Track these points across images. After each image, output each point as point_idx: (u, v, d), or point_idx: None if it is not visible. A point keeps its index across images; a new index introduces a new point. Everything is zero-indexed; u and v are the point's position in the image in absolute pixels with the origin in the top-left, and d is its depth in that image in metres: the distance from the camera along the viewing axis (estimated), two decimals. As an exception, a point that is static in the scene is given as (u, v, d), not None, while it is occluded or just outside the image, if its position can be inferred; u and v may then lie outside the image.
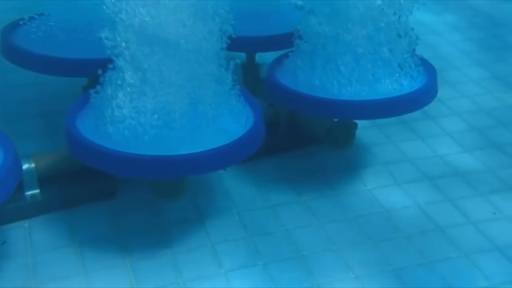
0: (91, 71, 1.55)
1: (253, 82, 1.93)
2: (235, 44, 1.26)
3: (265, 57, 1.92)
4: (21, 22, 1.62)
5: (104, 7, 1.16)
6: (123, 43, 1.15)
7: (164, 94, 1.18)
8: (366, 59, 1.41)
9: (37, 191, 1.37)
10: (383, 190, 1.60)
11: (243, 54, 1.90)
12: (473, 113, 2.00)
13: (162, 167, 1.19)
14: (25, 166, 1.34)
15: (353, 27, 1.40)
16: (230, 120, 1.27)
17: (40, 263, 1.29)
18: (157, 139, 1.19)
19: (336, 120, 1.58)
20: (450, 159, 1.75)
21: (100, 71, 1.23)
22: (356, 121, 1.58)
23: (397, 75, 1.41)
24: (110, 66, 1.20)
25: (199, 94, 1.21)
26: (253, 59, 1.97)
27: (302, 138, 1.74)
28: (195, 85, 1.20)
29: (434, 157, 1.76)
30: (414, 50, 1.42)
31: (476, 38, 2.52)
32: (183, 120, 1.19)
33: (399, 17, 1.37)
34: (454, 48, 2.45)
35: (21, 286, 1.24)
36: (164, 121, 1.19)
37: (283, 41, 1.69)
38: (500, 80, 2.21)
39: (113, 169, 1.23)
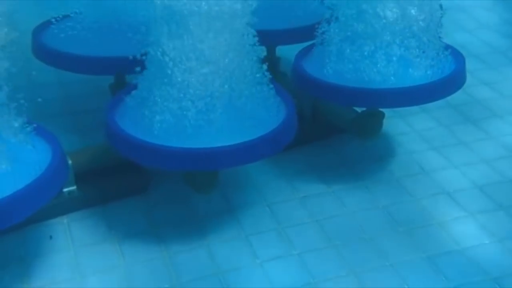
0: (119, 68, 1.60)
1: (274, 75, 1.94)
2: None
3: (285, 50, 1.94)
4: (51, 22, 1.64)
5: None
6: (162, 40, 1.17)
7: (200, 88, 1.20)
8: (394, 47, 1.42)
9: (74, 187, 1.40)
10: (411, 179, 1.62)
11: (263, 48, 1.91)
12: (495, 100, 2.00)
13: (200, 160, 1.21)
14: (62, 164, 1.36)
15: (379, 15, 1.41)
16: (264, 112, 1.28)
17: (83, 257, 1.32)
18: (194, 132, 1.21)
19: (363, 109, 1.59)
20: (475, 146, 1.76)
21: (138, 67, 1.24)
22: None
23: (425, 62, 1.42)
24: (148, 62, 1.22)
25: (234, 87, 1.23)
26: (274, 52, 1.98)
27: (326, 129, 1.75)
28: (230, 79, 1.22)
29: (459, 145, 1.77)
30: (443, 38, 1.43)
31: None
32: (219, 113, 1.21)
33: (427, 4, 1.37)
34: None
35: (67, 278, 1.27)
36: (200, 115, 1.21)
37: (304, 34, 1.70)
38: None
39: (151, 162, 1.26)
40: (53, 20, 1.65)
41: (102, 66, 1.57)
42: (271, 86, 1.31)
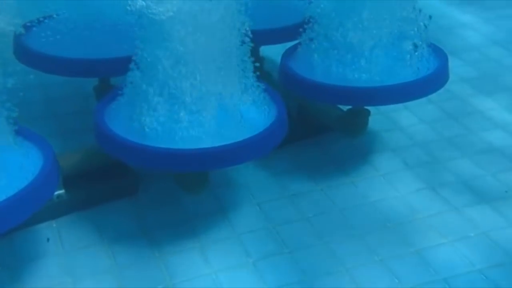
0: (103, 71, 1.59)
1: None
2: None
3: (267, 50, 1.95)
4: (33, 24, 1.62)
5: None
6: (150, 40, 1.16)
7: (190, 90, 1.20)
8: (378, 45, 1.44)
9: (62, 191, 1.38)
10: (396, 175, 1.65)
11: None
12: (474, 96, 2.05)
13: (191, 161, 1.21)
14: (50, 167, 1.35)
15: (365, 15, 1.44)
16: (254, 113, 1.29)
17: (74, 261, 1.31)
18: (184, 133, 1.21)
19: (349, 107, 1.61)
20: (458, 141, 1.80)
21: (127, 68, 1.24)
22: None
23: (410, 60, 1.45)
24: (137, 63, 1.22)
25: (224, 88, 1.23)
26: (257, 52, 1.99)
27: (313, 128, 1.77)
28: (220, 79, 1.22)
29: (441, 140, 1.81)
30: (426, 36, 1.46)
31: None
32: (209, 114, 1.22)
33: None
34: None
35: (59, 282, 1.26)
36: (190, 115, 1.21)
37: (288, 34, 1.72)
38: (496, 62, 2.28)
39: (142, 163, 1.25)
40: (35, 21, 1.63)
41: (87, 68, 1.55)
42: (261, 86, 1.32)
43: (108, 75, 1.67)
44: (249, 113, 1.28)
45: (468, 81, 2.15)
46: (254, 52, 1.96)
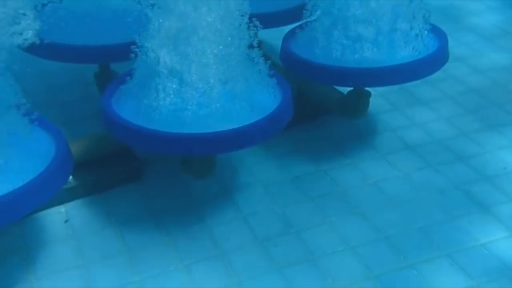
0: (104, 57, 1.59)
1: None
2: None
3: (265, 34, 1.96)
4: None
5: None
6: (156, 24, 1.17)
7: (197, 74, 1.21)
8: (380, 26, 1.45)
9: (70, 177, 1.39)
10: (397, 155, 1.67)
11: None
12: (469, 75, 2.08)
13: (199, 145, 1.22)
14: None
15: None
16: (261, 96, 1.30)
17: (85, 245, 1.33)
18: (192, 117, 1.22)
19: (350, 89, 1.63)
20: (456, 121, 1.83)
21: (134, 53, 1.24)
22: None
23: (410, 41, 1.46)
24: (144, 47, 1.22)
25: (231, 71, 1.24)
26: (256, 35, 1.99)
27: (313, 110, 1.79)
28: (227, 63, 1.23)
29: (439, 120, 1.84)
30: (426, 16, 1.48)
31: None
32: (217, 98, 1.23)
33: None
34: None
35: (72, 266, 1.28)
36: (198, 99, 1.22)
37: (285, 17, 1.73)
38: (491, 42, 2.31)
39: (150, 147, 1.26)
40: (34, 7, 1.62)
41: (89, 54, 1.55)
42: (267, 69, 1.33)
43: (108, 61, 1.67)
44: (255, 96, 1.29)
45: (461, 60, 2.17)
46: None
